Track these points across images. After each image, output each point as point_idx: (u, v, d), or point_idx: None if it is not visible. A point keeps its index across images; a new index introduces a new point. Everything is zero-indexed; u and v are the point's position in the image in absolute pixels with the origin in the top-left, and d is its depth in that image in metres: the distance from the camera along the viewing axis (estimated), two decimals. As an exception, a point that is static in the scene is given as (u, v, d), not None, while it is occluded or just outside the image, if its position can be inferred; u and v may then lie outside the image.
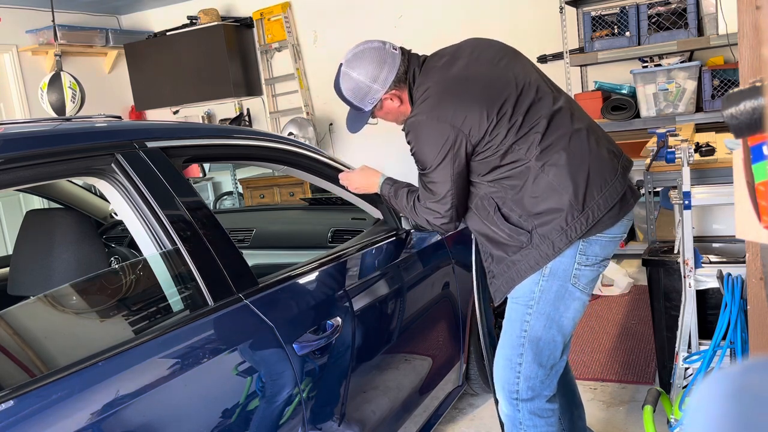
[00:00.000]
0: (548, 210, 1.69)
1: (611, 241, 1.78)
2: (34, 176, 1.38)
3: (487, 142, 1.71)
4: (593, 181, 1.71)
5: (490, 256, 1.83)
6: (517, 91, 1.74)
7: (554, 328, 1.76)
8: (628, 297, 4.08)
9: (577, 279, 1.74)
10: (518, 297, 1.79)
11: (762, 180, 0.87)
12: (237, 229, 3.02)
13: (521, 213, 1.72)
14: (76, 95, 5.09)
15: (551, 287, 1.74)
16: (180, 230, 1.52)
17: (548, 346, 1.77)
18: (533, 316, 1.76)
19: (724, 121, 0.86)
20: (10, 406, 1.08)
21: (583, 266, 1.74)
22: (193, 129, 1.93)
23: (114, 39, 6.64)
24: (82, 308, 1.64)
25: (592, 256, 1.75)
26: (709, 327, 2.23)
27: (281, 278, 1.74)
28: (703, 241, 2.49)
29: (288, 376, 1.57)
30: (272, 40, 6.48)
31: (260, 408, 1.49)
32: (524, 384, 1.78)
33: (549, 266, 1.73)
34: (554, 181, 1.69)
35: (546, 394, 1.81)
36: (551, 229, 1.69)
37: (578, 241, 1.72)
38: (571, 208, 1.69)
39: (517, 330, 1.78)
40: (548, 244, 1.70)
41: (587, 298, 1.79)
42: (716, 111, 4.37)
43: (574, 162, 1.71)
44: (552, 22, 5.16)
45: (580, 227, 1.69)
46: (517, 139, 1.70)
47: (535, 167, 1.70)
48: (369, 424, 1.96)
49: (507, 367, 1.80)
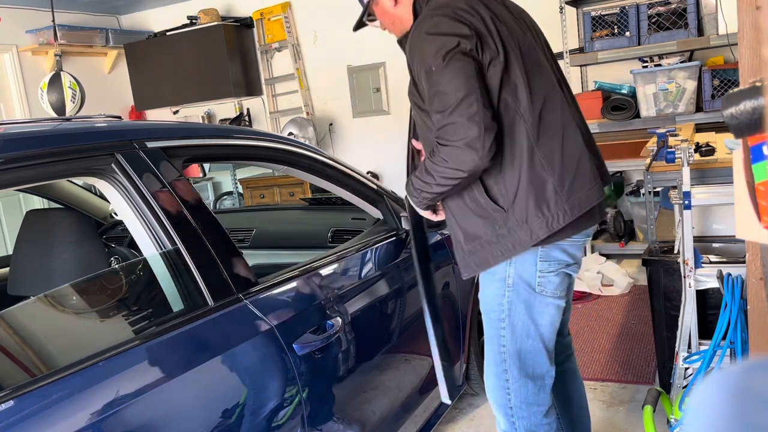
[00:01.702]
0: (530, 190, 1.58)
1: (573, 245, 1.69)
2: (34, 176, 1.38)
3: (489, 65, 1.56)
4: (581, 176, 1.63)
5: (461, 230, 1.69)
6: (528, 49, 1.64)
7: (532, 337, 1.69)
8: (628, 297, 4.08)
9: (543, 287, 1.66)
10: (489, 311, 1.72)
11: (762, 180, 0.87)
12: (237, 229, 3.02)
13: (501, 188, 1.61)
14: (76, 95, 5.09)
15: (518, 298, 1.67)
16: (180, 230, 1.52)
17: (531, 356, 1.70)
18: (507, 329, 1.69)
19: (724, 121, 0.86)
20: (10, 406, 1.08)
21: (546, 273, 1.66)
22: (193, 129, 1.93)
23: (114, 39, 6.64)
24: (82, 308, 1.64)
25: (554, 261, 1.66)
26: (709, 327, 2.23)
27: (281, 278, 1.74)
28: (703, 241, 2.49)
29: (288, 376, 1.57)
30: (272, 40, 6.48)
31: (260, 408, 1.49)
32: (516, 399, 1.72)
33: (512, 276, 1.65)
34: (544, 161, 1.58)
35: (541, 408, 1.74)
36: (530, 214, 1.58)
37: (537, 248, 1.64)
38: (555, 195, 1.58)
39: (496, 346, 1.72)
40: (526, 231, 1.59)
41: (561, 302, 1.71)
42: (716, 111, 4.37)
43: (568, 148, 1.62)
44: (552, 22, 5.16)
45: (561, 217, 1.59)
46: (516, 95, 1.58)
47: (531, 138, 1.58)
48: (369, 424, 1.96)
49: (496, 384, 1.75)
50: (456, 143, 1.50)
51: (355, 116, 6.36)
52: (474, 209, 1.64)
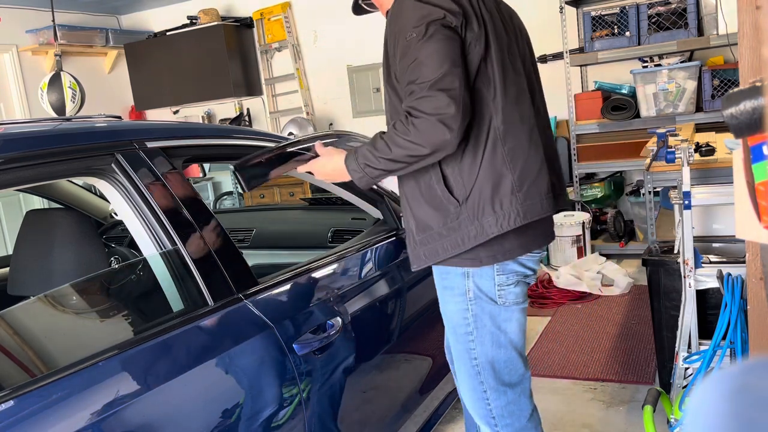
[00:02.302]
0: (487, 184, 1.53)
1: (530, 259, 1.65)
2: (34, 176, 1.39)
3: (470, 47, 1.50)
4: (538, 184, 1.57)
5: (414, 219, 1.62)
6: (508, 49, 1.59)
7: (504, 346, 1.66)
8: (628, 297, 4.08)
9: (504, 298, 1.63)
10: (454, 326, 1.68)
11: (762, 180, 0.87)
12: (237, 229, 3.02)
13: (458, 179, 1.54)
14: (76, 95, 5.09)
15: (482, 311, 1.63)
16: (180, 230, 1.52)
17: (505, 365, 1.67)
18: (476, 342, 1.65)
19: (724, 121, 0.86)
20: (10, 406, 1.08)
21: (506, 285, 1.63)
22: (193, 129, 1.93)
23: (114, 39, 6.64)
24: (82, 308, 1.64)
25: (511, 274, 1.63)
26: (709, 327, 2.23)
27: (281, 278, 1.74)
28: (703, 241, 2.49)
29: (288, 376, 1.57)
30: (272, 40, 6.48)
31: (260, 408, 1.49)
32: (497, 408, 1.69)
33: (472, 290, 1.62)
34: (507, 157, 1.53)
35: (524, 413, 1.71)
36: (483, 210, 1.53)
37: (493, 264, 1.60)
38: (511, 194, 1.53)
39: (467, 360, 1.68)
40: (477, 227, 1.53)
41: (525, 305, 1.69)
42: (716, 111, 4.37)
43: (532, 152, 1.56)
44: (552, 22, 5.16)
45: (512, 219, 1.53)
46: (489, 86, 1.52)
47: (497, 131, 1.52)
48: (369, 424, 1.96)
49: (474, 397, 1.71)
50: (430, 117, 1.40)
51: (355, 116, 6.36)
52: (428, 198, 1.58)
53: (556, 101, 5.31)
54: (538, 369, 3.17)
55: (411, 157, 1.47)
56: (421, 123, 1.42)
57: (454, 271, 1.63)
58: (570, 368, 3.14)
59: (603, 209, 5.27)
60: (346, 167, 1.59)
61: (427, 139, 1.43)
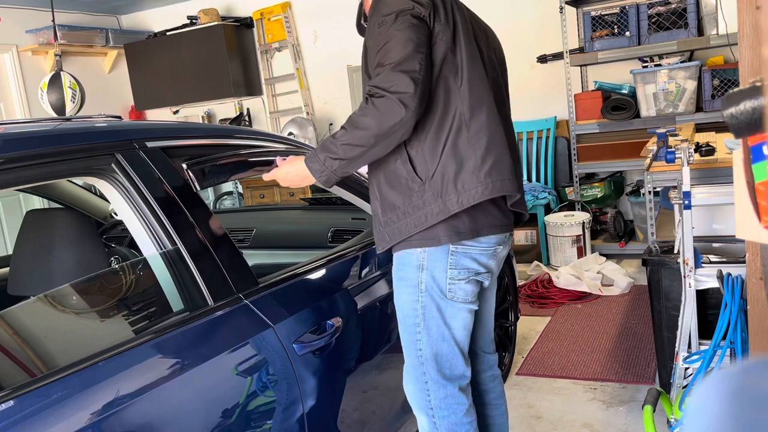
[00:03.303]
0: (450, 164, 1.60)
1: (484, 253, 1.70)
2: (34, 176, 1.38)
3: (438, 36, 1.59)
4: (501, 165, 1.63)
5: (380, 201, 1.70)
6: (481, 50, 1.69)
7: (447, 340, 1.72)
8: (628, 297, 4.08)
9: (453, 293, 1.69)
10: (404, 317, 1.74)
11: (762, 180, 0.87)
12: (237, 229, 3.02)
13: (422, 159, 1.62)
14: (76, 95, 5.09)
15: (432, 303, 1.69)
16: (180, 230, 1.52)
17: (447, 359, 1.73)
18: (423, 333, 1.71)
19: (724, 121, 0.86)
20: (10, 406, 1.08)
21: (457, 280, 1.68)
22: (193, 129, 1.93)
23: (114, 39, 6.64)
24: (82, 308, 1.64)
25: (463, 269, 1.68)
26: (709, 327, 2.23)
27: (281, 278, 1.74)
28: (703, 241, 2.49)
29: (288, 376, 1.57)
30: (272, 40, 6.48)
31: (260, 408, 1.49)
32: (436, 399, 1.74)
33: (424, 282, 1.68)
34: (471, 140, 1.60)
35: (461, 407, 1.76)
36: (447, 188, 1.60)
37: (447, 255, 1.65)
38: (473, 173, 1.60)
39: (413, 350, 1.74)
40: (440, 204, 1.61)
41: (473, 306, 1.73)
42: (716, 111, 4.37)
43: (495, 141, 1.63)
44: (552, 22, 5.17)
45: (473, 195, 1.60)
46: (456, 75, 1.60)
47: (463, 116, 1.60)
48: (369, 424, 1.96)
49: (416, 387, 1.77)
50: (389, 95, 1.49)
51: (355, 116, 6.35)
52: (395, 180, 1.66)
53: (556, 101, 5.32)
54: (538, 369, 3.17)
55: (369, 138, 1.53)
56: (380, 102, 1.50)
57: (410, 263, 1.70)
58: (570, 368, 3.14)
59: (603, 209, 5.27)
60: (308, 167, 1.64)
61: (384, 117, 1.50)
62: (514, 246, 4.93)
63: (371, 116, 1.51)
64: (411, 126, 1.53)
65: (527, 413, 2.75)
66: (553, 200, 5.15)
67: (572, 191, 5.12)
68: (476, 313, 1.83)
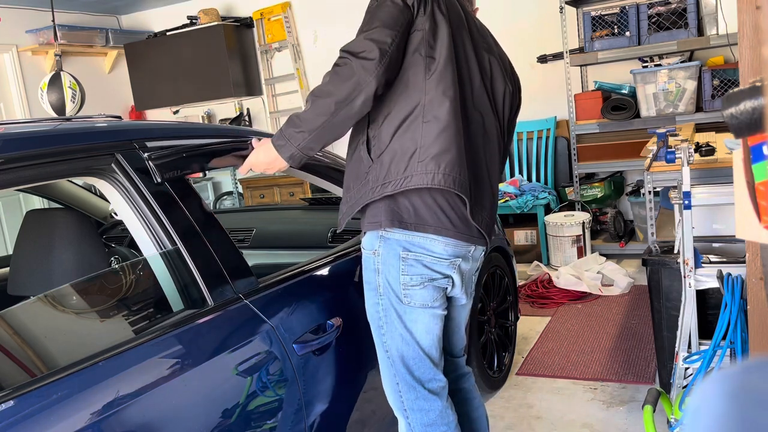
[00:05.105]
0: (397, 149, 1.59)
1: (437, 262, 1.66)
2: (34, 176, 1.39)
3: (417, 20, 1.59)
4: (447, 161, 1.58)
5: (344, 182, 1.74)
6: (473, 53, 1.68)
7: (410, 344, 1.71)
8: (628, 297, 4.08)
9: (409, 298, 1.67)
10: (371, 320, 1.75)
11: (762, 180, 0.87)
12: (237, 229, 3.02)
13: (375, 140, 1.63)
14: (76, 95, 5.09)
15: (390, 306, 1.69)
16: (180, 230, 1.52)
17: (414, 362, 1.72)
18: (387, 336, 1.72)
19: (724, 121, 0.86)
20: (10, 406, 1.08)
21: (410, 286, 1.66)
22: (193, 129, 1.93)
23: (114, 39, 6.64)
24: (82, 308, 1.64)
25: (416, 275, 1.65)
26: (709, 327, 2.23)
27: (281, 278, 1.74)
28: (703, 241, 2.49)
29: (288, 376, 1.58)
30: (272, 40, 6.48)
31: (260, 408, 1.49)
32: (408, 401, 1.74)
33: (381, 285, 1.68)
34: (423, 129, 1.58)
35: (434, 409, 1.75)
36: (388, 170, 1.59)
37: (399, 260, 1.64)
38: (418, 159, 1.57)
39: (383, 353, 1.75)
40: (380, 185, 1.60)
41: (436, 311, 1.70)
42: (716, 111, 4.37)
43: (452, 138, 1.59)
44: (552, 22, 5.16)
45: (414, 180, 1.57)
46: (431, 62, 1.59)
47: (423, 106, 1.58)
48: (369, 424, 1.96)
49: (391, 389, 1.77)
50: (353, 59, 1.50)
51: (355, 116, 6.35)
52: (356, 162, 1.68)
53: (556, 101, 5.31)
54: (538, 369, 3.17)
55: (330, 105, 1.53)
56: (343, 67, 1.52)
57: (368, 267, 1.71)
58: (570, 368, 3.14)
59: (603, 209, 5.27)
60: (274, 146, 1.63)
61: (343, 82, 1.51)
62: (514, 246, 4.93)
63: (332, 82, 1.53)
64: (370, 94, 1.51)
65: (527, 413, 2.75)
66: (553, 200, 5.15)
67: (572, 191, 5.12)
68: (446, 319, 1.80)
